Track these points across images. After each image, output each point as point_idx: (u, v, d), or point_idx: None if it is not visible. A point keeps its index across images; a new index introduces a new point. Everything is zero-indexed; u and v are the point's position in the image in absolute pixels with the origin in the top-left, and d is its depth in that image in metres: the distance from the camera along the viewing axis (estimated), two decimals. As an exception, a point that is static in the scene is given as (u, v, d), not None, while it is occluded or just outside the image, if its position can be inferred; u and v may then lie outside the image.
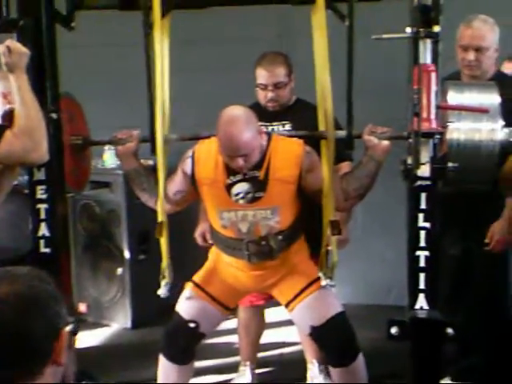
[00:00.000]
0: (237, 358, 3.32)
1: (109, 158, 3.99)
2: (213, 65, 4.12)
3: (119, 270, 3.99)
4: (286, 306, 2.68)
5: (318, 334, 2.60)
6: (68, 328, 1.09)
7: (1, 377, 0.99)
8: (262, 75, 2.92)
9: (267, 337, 3.39)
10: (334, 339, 2.57)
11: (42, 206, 2.30)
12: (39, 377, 1.02)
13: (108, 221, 3.97)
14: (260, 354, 3.35)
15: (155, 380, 2.73)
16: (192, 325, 2.61)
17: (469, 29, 2.87)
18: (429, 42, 2.10)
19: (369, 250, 4.01)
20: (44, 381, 1.02)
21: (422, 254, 2.25)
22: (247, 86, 3.02)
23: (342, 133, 2.47)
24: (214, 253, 2.75)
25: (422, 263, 2.24)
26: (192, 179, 2.59)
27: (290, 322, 3.10)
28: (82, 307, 3.95)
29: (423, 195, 2.21)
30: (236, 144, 2.40)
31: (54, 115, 2.28)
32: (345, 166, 2.90)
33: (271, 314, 3.41)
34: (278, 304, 2.87)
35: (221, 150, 2.47)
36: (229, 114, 2.45)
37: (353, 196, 2.53)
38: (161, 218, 2.52)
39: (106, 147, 3.85)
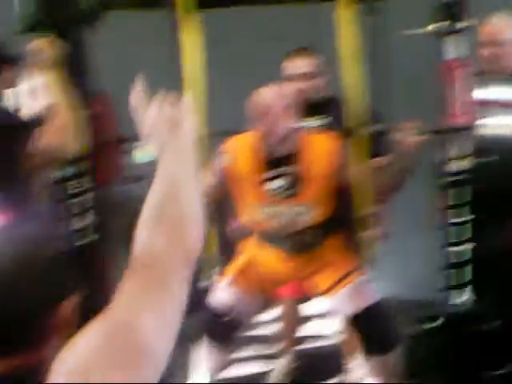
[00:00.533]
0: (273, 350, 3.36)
1: (141, 153, 4.04)
2: (245, 61, 4.14)
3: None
4: (324, 294, 2.71)
5: (357, 321, 2.61)
6: (74, 299, 1.06)
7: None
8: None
9: (303, 330, 3.41)
10: (373, 327, 2.57)
11: (75, 200, 2.35)
12: (41, 348, 1.00)
13: (138, 214, 3.98)
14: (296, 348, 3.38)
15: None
16: (230, 314, 2.65)
17: (487, 25, 2.86)
18: (454, 37, 2.09)
19: (405, 245, 3.99)
20: (47, 353, 0.99)
21: (454, 250, 2.24)
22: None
23: (375, 128, 2.47)
24: (250, 244, 2.77)
25: (455, 258, 2.23)
26: (226, 174, 2.62)
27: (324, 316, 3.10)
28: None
29: (455, 190, 2.21)
30: (265, 96, 2.46)
31: (89, 111, 2.33)
32: (379, 161, 2.90)
33: (306, 308, 3.43)
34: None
35: (251, 113, 2.50)
36: None
37: (386, 191, 2.54)
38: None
39: (139, 142, 3.89)
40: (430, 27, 2.12)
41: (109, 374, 0.82)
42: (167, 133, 1.13)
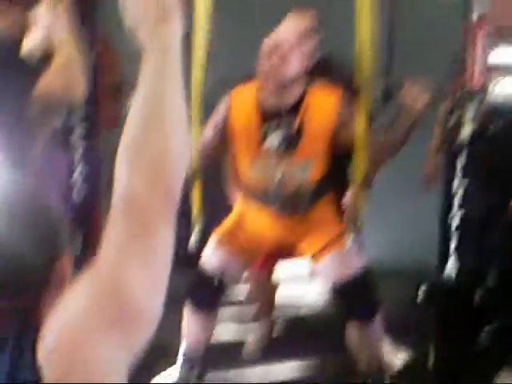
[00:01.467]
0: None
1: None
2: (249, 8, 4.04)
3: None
4: (310, 258, 2.68)
5: (339, 289, 2.60)
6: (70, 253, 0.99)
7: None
8: None
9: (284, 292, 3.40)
10: (355, 294, 2.56)
11: (81, 144, 2.31)
12: (39, 304, 0.95)
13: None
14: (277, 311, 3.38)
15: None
16: (217, 277, 2.61)
17: None
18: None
19: (395, 207, 3.98)
20: (47, 306, 0.93)
21: (457, 215, 2.23)
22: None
23: (380, 83, 2.42)
24: (240, 204, 2.73)
25: (456, 222, 2.23)
26: (225, 126, 2.56)
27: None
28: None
29: (463, 155, 2.18)
30: (276, 37, 2.40)
31: (92, 53, 2.25)
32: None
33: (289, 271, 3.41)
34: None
35: (262, 49, 2.43)
36: None
37: (388, 150, 2.49)
38: (195, 166, 2.51)
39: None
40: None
41: (99, 332, 0.80)
42: (155, 21, 0.98)
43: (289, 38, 2.44)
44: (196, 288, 2.66)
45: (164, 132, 0.91)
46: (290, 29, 2.46)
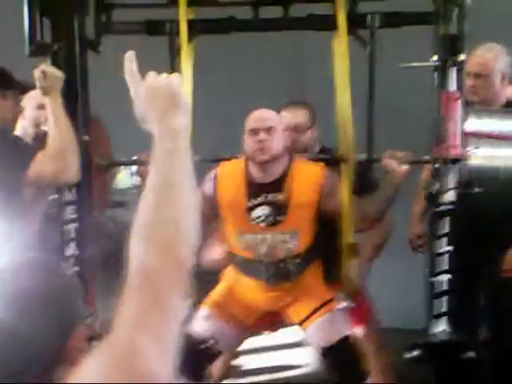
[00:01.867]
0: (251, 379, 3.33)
1: (123, 178, 4.05)
2: (232, 87, 4.18)
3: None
4: (299, 325, 2.71)
5: (325, 355, 2.63)
6: (84, 327, 1.06)
7: (11, 377, 0.95)
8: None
9: (274, 359, 3.40)
10: (339, 362, 2.59)
11: (71, 226, 2.34)
12: (53, 376, 0.99)
13: (123, 240, 3.99)
14: (267, 377, 3.36)
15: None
16: (210, 342, 2.63)
17: (472, 56, 2.93)
18: (454, 70, 2.15)
19: (386, 273, 4.03)
20: (58, 381, 0.97)
21: (444, 278, 2.28)
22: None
23: (362, 156, 2.51)
24: (229, 273, 2.77)
25: (444, 286, 2.28)
26: (213, 200, 2.62)
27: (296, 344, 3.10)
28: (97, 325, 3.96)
29: (446, 219, 2.25)
30: (262, 114, 2.53)
31: (85, 137, 2.33)
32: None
33: (278, 337, 3.41)
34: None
35: (246, 127, 2.55)
36: None
37: (370, 219, 2.57)
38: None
39: (122, 167, 3.90)
40: (431, 59, 2.18)
41: None
42: (164, 108, 1.05)
43: (273, 114, 2.55)
44: (187, 356, 2.65)
45: (175, 212, 0.97)
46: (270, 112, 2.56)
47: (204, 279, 2.89)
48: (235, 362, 3.57)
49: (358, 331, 2.69)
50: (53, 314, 1.01)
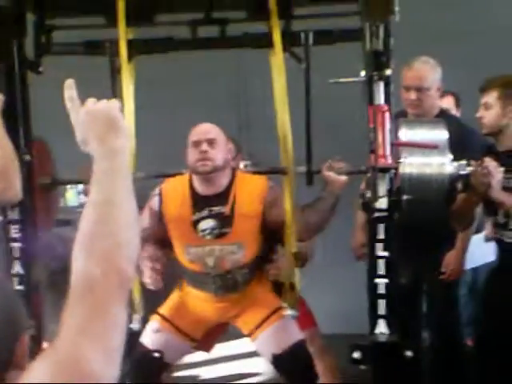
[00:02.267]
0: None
1: (71, 197, 4.05)
2: (175, 103, 4.24)
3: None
4: (249, 335, 2.78)
5: (278, 361, 2.70)
6: (29, 332, 1.09)
7: None
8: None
9: (230, 368, 3.45)
10: (293, 367, 2.66)
11: (16, 245, 2.36)
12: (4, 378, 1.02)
13: (70, 258, 3.99)
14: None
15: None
16: (156, 354, 2.67)
17: (410, 70, 3.07)
18: (381, 84, 2.26)
19: (328, 278, 4.13)
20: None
21: (382, 282, 2.37)
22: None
23: (302, 168, 2.59)
24: (178, 286, 2.83)
25: (382, 290, 2.37)
26: (159, 216, 2.67)
27: (251, 354, 3.15)
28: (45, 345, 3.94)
29: (381, 226, 2.35)
30: (204, 127, 2.63)
31: (26, 157, 2.35)
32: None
33: (233, 347, 3.47)
34: (240, 336, 2.94)
35: (189, 140, 2.62)
36: None
37: (313, 228, 2.66)
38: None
39: (69, 186, 3.91)
40: (360, 74, 2.28)
41: None
42: (104, 130, 1.12)
43: (214, 127, 2.62)
44: (136, 366, 2.69)
45: (114, 226, 1.03)
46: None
47: (153, 292, 2.94)
48: (191, 373, 3.62)
49: (302, 335, 2.75)
50: (1, 319, 1.05)
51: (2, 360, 1.03)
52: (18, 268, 2.37)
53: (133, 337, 2.68)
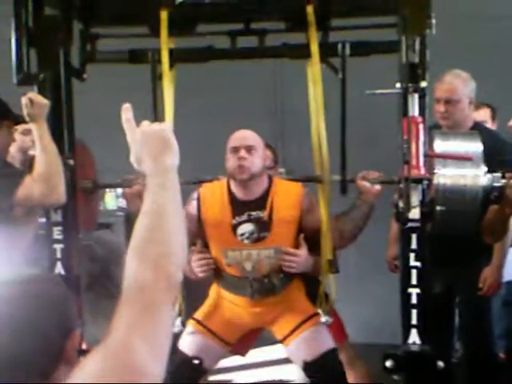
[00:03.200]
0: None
1: (109, 200, 4.15)
2: (212, 111, 4.31)
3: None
4: (282, 341, 2.80)
5: (310, 369, 2.72)
6: (78, 330, 1.16)
7: (14, 377, 1.03)
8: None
9: (263, 374, 3.47)
10: (324, 375, 2.68)
11: (58, 247, 2.44)
12: (52, 376, 1.08)
13: (108, 261, 4.09)
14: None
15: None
16: (196, 361, 2.71)
17: (441, 83, 3.09)
18: (416, 96, 2.28)
19: (363, 289, 4.15)
20: (57, 380, 1.08)
21: (414, 292, 2.38)
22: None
23: (337, 177, 2.62)
24: (214, 290, 2.87)
25: (414, 300, 2.38)
26: (198, 220, 2.73)
27: (284, 361, 3.17)
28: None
29: (414, 236, 2.36)
30: (243, 133, 2.67)
31: (70, 161, 2.43)
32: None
33: (267, 352, 3.49)
34: (275, 342, 2.97)
35: (228, 146, 2.67)
36: None
37: (347, 236, 2.70)
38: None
39: (108, 189, 4.00)
40: (395, 86, 2.30)
41: None
42: (157, 151, 1.25)
43: (253, 134, 2.66)
44: (175, 373, 2.73)
45: (165, 235, 1.14)
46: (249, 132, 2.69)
47: (193, 297, 3.00)
48: (224, 377, 3.66)
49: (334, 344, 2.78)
50: (54, 317, 1.12)
51: (53, 356, 1.10)
52: (59, 269, 2.45)
53: (174, 339, 2.73)
